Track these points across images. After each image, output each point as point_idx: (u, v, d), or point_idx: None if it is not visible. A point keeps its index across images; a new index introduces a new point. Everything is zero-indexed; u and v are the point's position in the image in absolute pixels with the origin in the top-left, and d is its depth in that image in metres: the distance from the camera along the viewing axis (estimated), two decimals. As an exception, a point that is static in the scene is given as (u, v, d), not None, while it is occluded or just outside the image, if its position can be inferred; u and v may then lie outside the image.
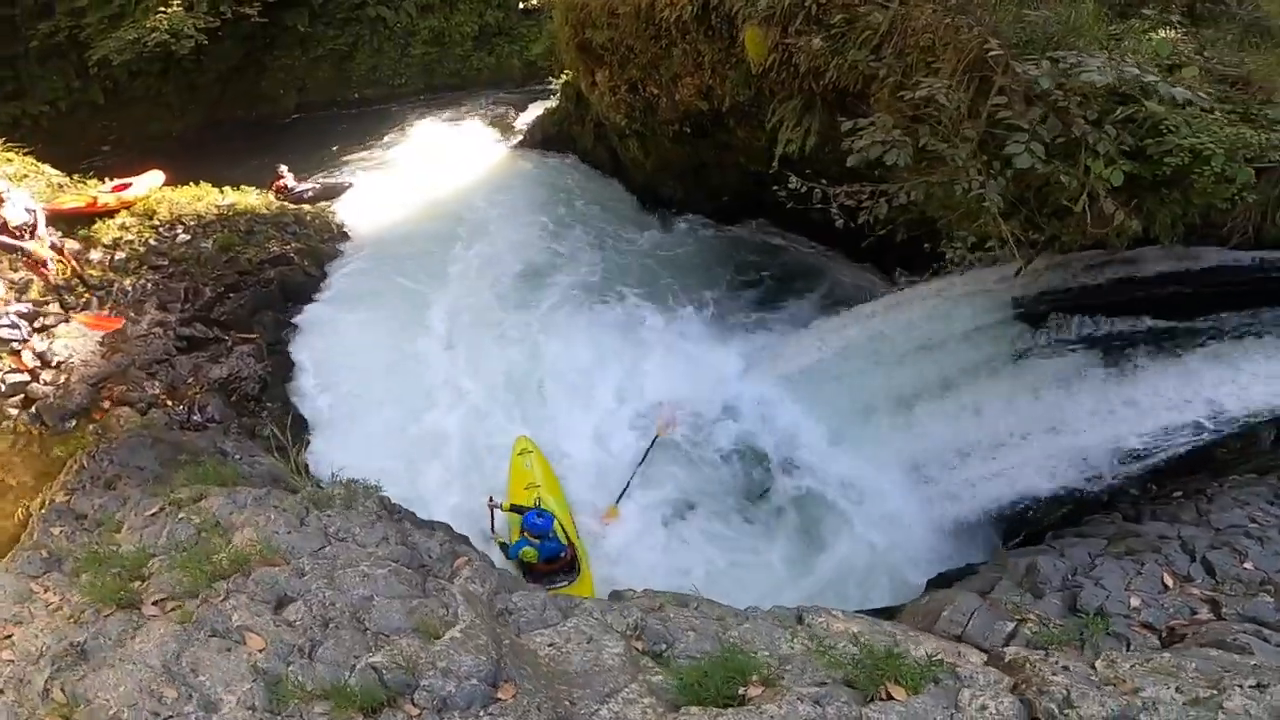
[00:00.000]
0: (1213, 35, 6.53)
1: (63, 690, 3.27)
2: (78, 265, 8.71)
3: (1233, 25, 6.70)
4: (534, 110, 17.67)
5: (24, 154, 10.67)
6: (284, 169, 14.13)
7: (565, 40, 11.72)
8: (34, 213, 7.91)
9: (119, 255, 9.57)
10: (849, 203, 6.56)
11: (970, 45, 5.84)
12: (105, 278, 9.05)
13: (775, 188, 6.92)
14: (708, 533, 7.98)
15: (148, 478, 6.02)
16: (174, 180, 12.24)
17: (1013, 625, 3.95)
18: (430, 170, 15.40)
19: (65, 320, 8.03)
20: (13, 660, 3.72)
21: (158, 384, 7.79)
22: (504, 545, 7.03)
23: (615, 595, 4.66)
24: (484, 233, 13.17)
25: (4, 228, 7.56)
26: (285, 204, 13.66)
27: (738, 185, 11.32)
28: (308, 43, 19.29)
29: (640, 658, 3.41)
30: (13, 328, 7.62)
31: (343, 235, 13.36)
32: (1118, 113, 5.53)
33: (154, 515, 4.99)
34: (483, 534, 7.23)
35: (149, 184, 11.50)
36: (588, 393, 9.67)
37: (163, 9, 16.07)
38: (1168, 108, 5.37)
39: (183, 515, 4.87)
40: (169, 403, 7.70)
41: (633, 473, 8.26)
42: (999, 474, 6.83)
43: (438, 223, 13.50)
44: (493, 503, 7.32)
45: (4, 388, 7.21)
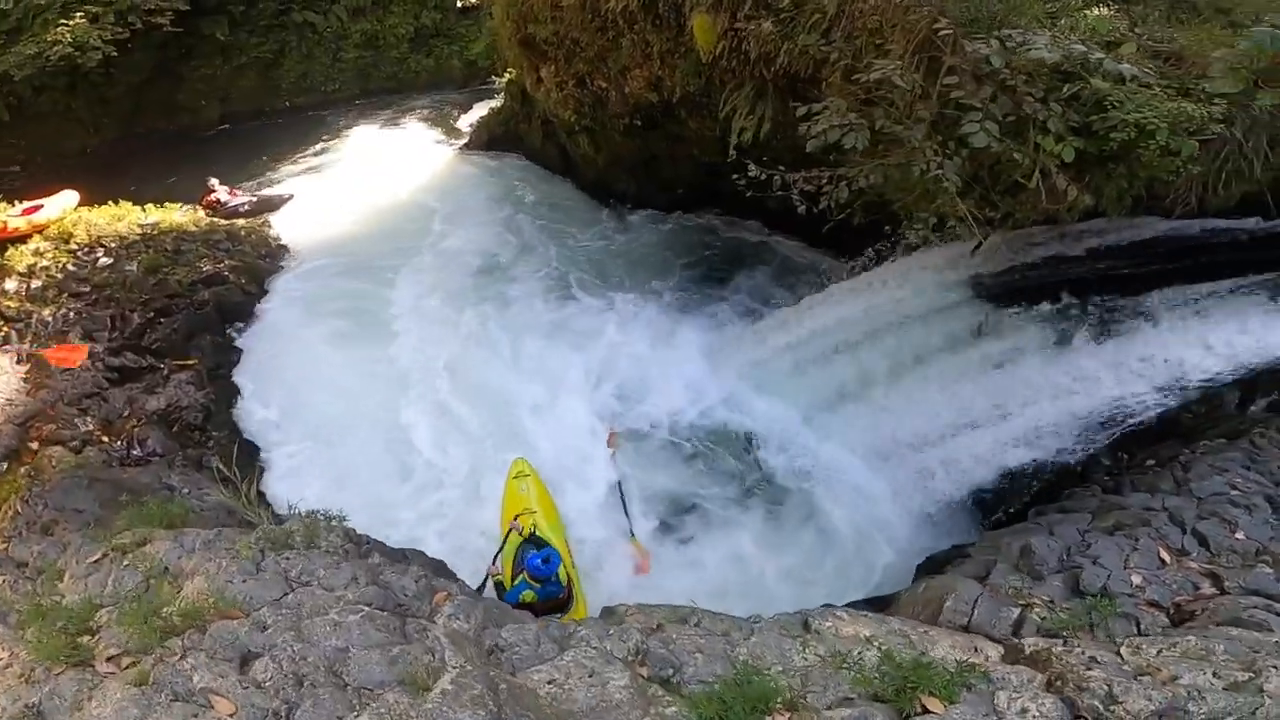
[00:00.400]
0: (1142, 11, 6.75)
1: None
2: (-12, 297, 8.06)
3: (1160, 1, 6.93)
4: (478, 111, 17.34)
5: (-80, 179, 9.86)
6: (214, 182, 13.41)
7: (507, 37, 11.44)
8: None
9: (35, 284, 8.91)
10: (809, 188, 6.53)
11: (919, 25, 5.86)
12: (22, 309, 8.40)
13: (735, 177, 6.84)
14: (706, 531, 7.85)
15: (88, 520, 5.59)
16: (91, 200, 11.50)
17: (1018, 611, 3.86)
18: (372, 178, 14.91)
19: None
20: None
21: (90, 419, 7.25)
22: (500, 585, 6.32)
23: (607, 612, 4.46)
24: (432, 239, 12.79)
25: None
26: (217, 220, 12.97)
27: (691, 177, 11.26)
28: (229, 51, 18.48)
29: (648, 686, 3.21)
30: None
31: (281, 249, 12.78)
32: (1064, 90, 5.64)
33: (96, 562, 4.59)
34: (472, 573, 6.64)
35: (63, 205, 10.77)
36: (551, 400, 9.41)
37: (65, 22, 15.21)
38: (1111, 84, 5.51)
39: (127, 562, 4.48)
40: (105, 439, 7.18)
41: (624, 505, 7.83)
42: (972, 451, 6.92)
43: (382, 232, 13.07)
44: (494, 571, 6.42)
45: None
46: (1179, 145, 5.28)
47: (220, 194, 13.26)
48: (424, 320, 10.83)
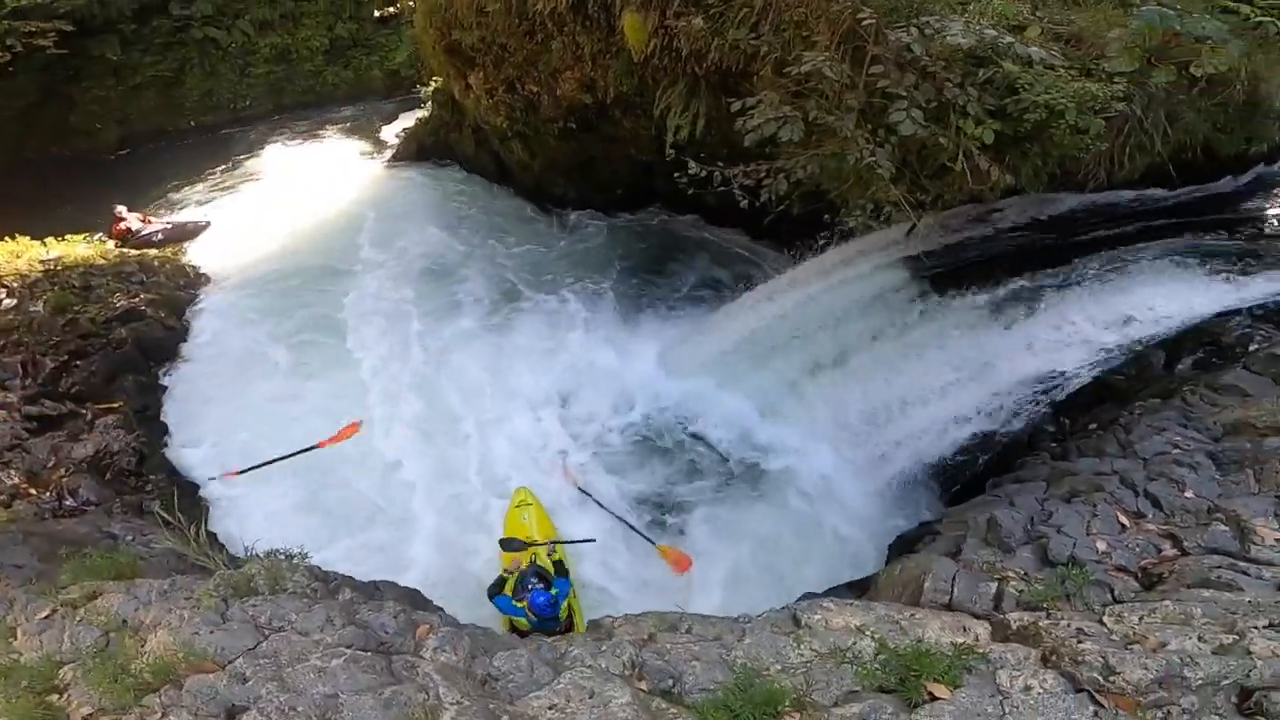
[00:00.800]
0: (1042, -6, 7.21)
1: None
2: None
3: (1056, -16, 7.40)
4: (404, 121, 16.86)
5: None
6: (123, 210, 12.60)
7: (431, 45, 11.19)
8: None
9: (-71, 332, 8.15)
10: (748, 182, 6.69)
11: (843, 16, 6.08)
12: (-83, 360, 7.68)
13: (675, 174, 6.93)
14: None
15: (29, 576, 5.16)
16: (-25, 234, 10.58)
17: (995, 585, 3.89)
18: (293, 196, 14.29)
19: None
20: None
21: (14, 472, 6.71)
22: (502, 583, 6.15)
23: (594, 626, 4.40)
24: (362, 257, 12.32)
25: None
26: (127, 250, 12.17)
27: (628, 177, 11.31)
28: (123, 71, 17.40)
29: (651, 700, 3.16)
30: None
31: (201, 278, 12.11)
32: (979, 75, 5.98)
33: (48, 618, 4.26)
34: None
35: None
36: (506, 417, 9.25)
37: (-65, 47, 13.94)
38: (1021, 67, 5.88)
39: (80, 617, 4.18)
40: (32, 491, 6.65)
41: (625, 521, 7.73)
42: (924, 427, 7.23)
43: (309, 252, 12.52)
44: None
45: None
46: (1086, 123, 5.68)
47: (131, 222, 12.46)
48: (359, 341, 10.46)
